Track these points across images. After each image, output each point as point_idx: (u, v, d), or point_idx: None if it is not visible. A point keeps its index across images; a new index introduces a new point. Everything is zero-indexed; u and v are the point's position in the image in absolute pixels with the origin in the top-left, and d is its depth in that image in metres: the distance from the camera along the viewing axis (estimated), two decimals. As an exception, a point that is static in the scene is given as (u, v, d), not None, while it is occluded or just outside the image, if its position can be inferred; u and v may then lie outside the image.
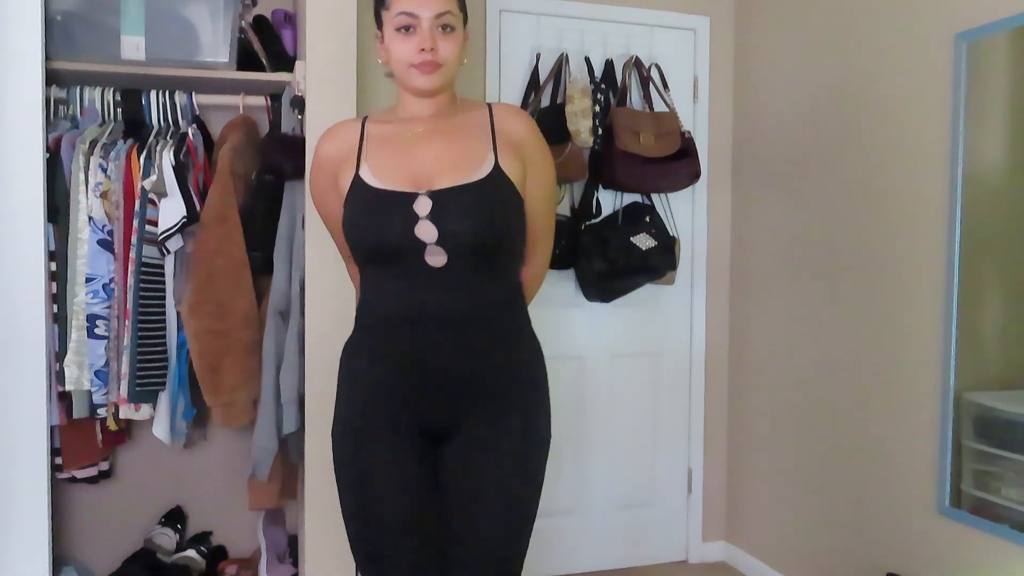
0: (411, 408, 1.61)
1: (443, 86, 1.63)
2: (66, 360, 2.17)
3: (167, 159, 2.22)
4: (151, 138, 2.29)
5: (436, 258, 1.54)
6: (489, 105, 1.70)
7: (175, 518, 2.68)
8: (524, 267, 1.74)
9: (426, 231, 1.53)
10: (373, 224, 1.57)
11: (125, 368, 2.20)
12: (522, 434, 1.64)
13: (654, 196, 3.07)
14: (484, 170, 1.58)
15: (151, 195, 2.21)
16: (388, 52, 1.61)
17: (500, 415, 1.62)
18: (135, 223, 2.21)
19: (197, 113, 2.42)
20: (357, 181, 1.60)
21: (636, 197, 3.05)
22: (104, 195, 2.20)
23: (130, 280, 2.21)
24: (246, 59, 2.43)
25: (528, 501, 1.64)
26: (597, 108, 2.95)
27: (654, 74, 3.08)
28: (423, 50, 1.55)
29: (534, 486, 1.66)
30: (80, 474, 2.39)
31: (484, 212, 1.55)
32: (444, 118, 1.65)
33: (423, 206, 1.54)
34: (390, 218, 1.55)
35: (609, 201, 3.05)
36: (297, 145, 2.24)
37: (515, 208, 1.61)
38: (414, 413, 1.61)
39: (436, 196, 1.54)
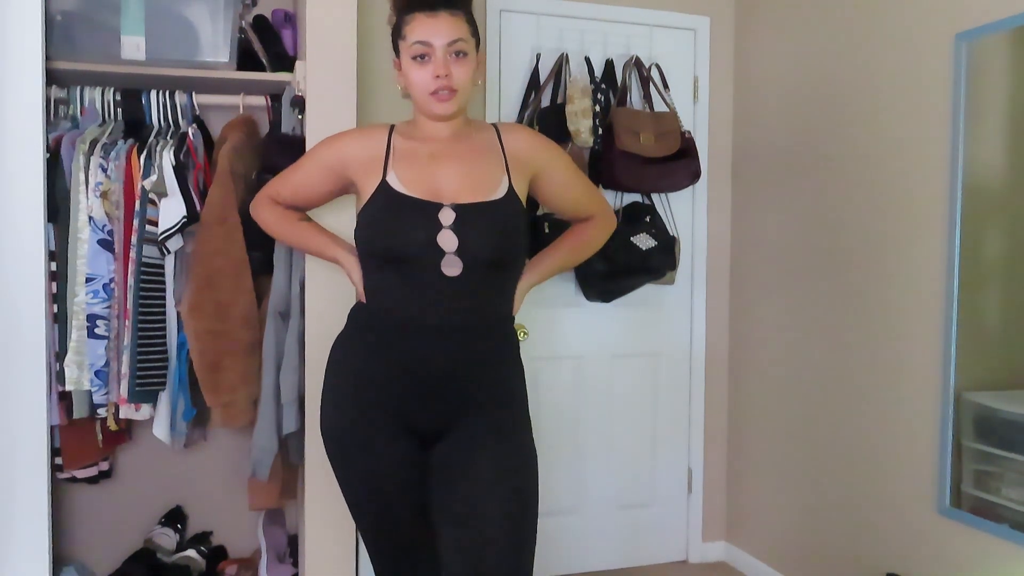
0: (406, 409, 1.64)
1: (459, 111, 1.70)
2: (66, 360, 2.17)
3: (167, 159, 2.22)
4: (151, 138, 2.29)
5: (451, 268, 1.61)
6: (495, 126, 1.79)
7: (175, 518, 2.68)
8: (585, 222, 1.93)
9: (447, 240, 1.60)
10: (397, 226, 1.62)
11: (125, 368, 2.20)
12: (512, 436, 1.69)
13: (654, 196, 3.07)
14: (501, 191, 1.68)
15: (151, 195, 2.21)
16: (406, 79, 1.68)
17: (492, 419, 1.67)
18: (135, 223, 2.21)
19: (197, 113, 2.42)
20: (384, 186, 1.66)
21: (636, 197, 3.05)
22: (104, 195, 2.20)
23: (130, 280, 2.21)
24: (246, 59, 2.43)
25: (528, 493, 1.66)
26: (597, 108, 2.95)
27: (654, 74, 3.08)
28: (438, 76, 1.62)
29: (531, 482, 1.68)
30: (80, 474, 2.39)
31: (501, 229, 1.65)
32: (461, 140, 1.73)
33: (447, 216, 1.62)
34: (415, 223, 1.62)
35: (609, 201, 3.05)
36: (297, 145, 2.24)
37: (524, 228, 1.72)
38: (408, 414, 1.64)
39: (459, 209, 1.63)
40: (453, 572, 1.59)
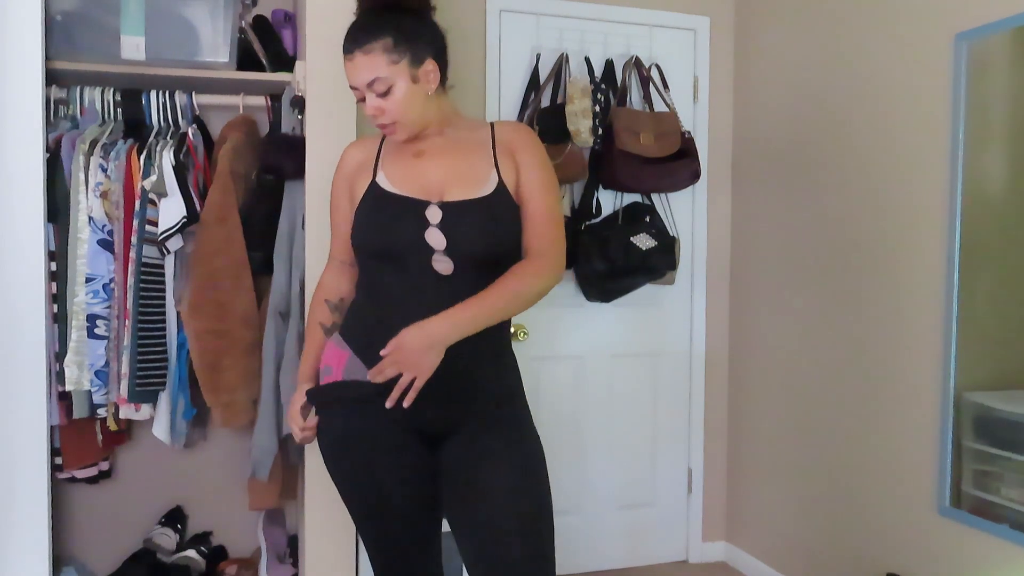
0: (409, 412, 1.62)
1: (413, 132, 1.70)
2: (66, 360, 2.17)
3: (167, 159, 2.22)
4: (151, 138, 2.29)
5: (443, 265, 1.61)
6: (492, 124, 1.78)
7: (175, 518, 2.68)
8: (526, 256, 1.68)
9: (435, 238, 1.61)
10: (384, 223, 1.63)
11: (125, 368, 2.20)
12: (519, 432, 1.70)
13: (654, 196, 3.07)
14: (489, 187, 1.66)
15: (151, 195, 2.21)
16: None
17: (497, 417, 1.68)
18: (135, 223, 2.21)
19: (197, 113, 2.42)
20: (373, 185, 1.69)
21: (636, 197, 3.05)
22: (104, 195, 2.20)
23: (130, 280, 2.21)
24: (246, 59, 2.43)
25: (541, 488, 1.67)
26: (597, 108, 2.96)
27: (654, 74, 3.08)
28: (373, 116, 1.66)
29: (543, 475, 1.69)
30: (80, 474, 2.39)
31: (490, 225, 1.63)
32: (448, 138, 1.74)
33: (434, 214, 1.62)
34: (402, 220, 1.62)
35: (609, 201, 3.05)
36: (297, 145, 2.24)
37: (515, 221, 1.68)
38: (412, 415, 1.63)
39: (446, 207, 1.63)
40: (476, 573, 1.62)
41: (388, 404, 1.57)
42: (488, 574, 1.60)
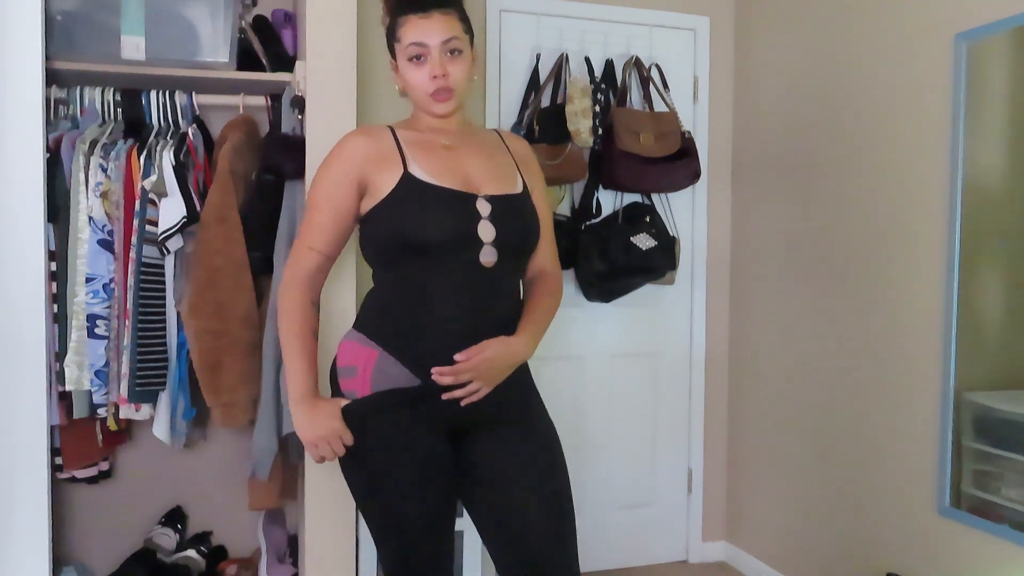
0: (448, 405, 1.63)
1: (458, 107, 1.73)
2: (66, 360, 2.17)
3: (167, 159, 2.22)
4: (151, 138, 2.29)
5: (489, 257, 1.63)
6: (497, 131, 1.86)
7: (175, 518, 2.68)
8: (543, 275, 1.83)
9: (486, 230, 1.64)
10: (430, 216, 1.62)
11: (125, 368, 2.20)
12: (540, 415, 1.79)
13: (654, 196, 3.07)
14: (519, 185, 1.74)
15: (151, 195, 2.21)
16: (404, 80, 1.71)
17: (517, 408, 1.73)
18: (135, 223, 2.21)
19: (197, 113, 2.42)
20: (409, 177, 1.65)
21: (636, 197, 3.05)
22: (104, 195, 2.20)
23: (130, 280, 2.21)
24: (246, 59, 2.43)
25: (561, 465, 1.75)
26: (597, 108, 2.96)
27: (654, 74, 3.08)
28: (435, 77, 1.65)
29: (562, 456, 1.77)
30: (80, 474, 2.39)
31: (527, 220, 1.72)
32: (469, 135, 1.77)
33: (484, 207, 1.65)
34: (456, 213, 1.63)
35: (609, 201, 3.05)
36: (297, 145, 2.24)
37: (537, 221, 1.77)
38: (446, 413, 1.64)
39: (493, 200, 1.67)
40: (505, 564, 1.67)
41: (445, 396, 1.62)
42: (513, 553, 1.65)
